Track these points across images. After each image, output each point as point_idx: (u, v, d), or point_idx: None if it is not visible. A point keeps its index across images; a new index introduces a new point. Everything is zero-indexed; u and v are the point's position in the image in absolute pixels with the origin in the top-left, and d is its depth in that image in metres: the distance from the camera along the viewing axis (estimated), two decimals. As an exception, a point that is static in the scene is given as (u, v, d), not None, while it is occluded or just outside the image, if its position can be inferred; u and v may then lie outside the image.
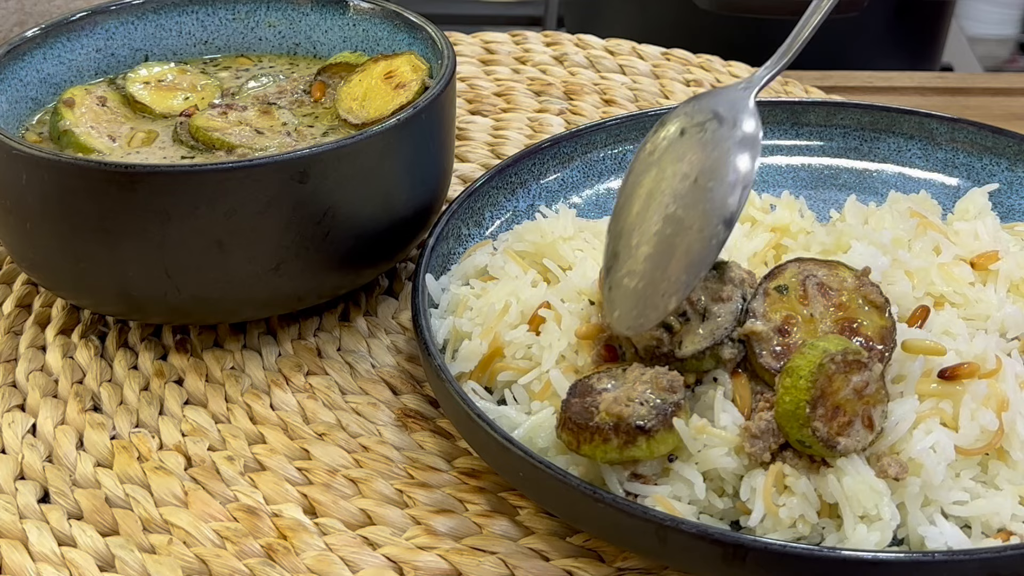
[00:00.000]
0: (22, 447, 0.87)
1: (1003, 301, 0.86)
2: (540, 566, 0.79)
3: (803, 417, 0.73)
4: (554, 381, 0.82)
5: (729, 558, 0.70)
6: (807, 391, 0.74)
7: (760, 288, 0.82)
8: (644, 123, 1.09)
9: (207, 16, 1.08)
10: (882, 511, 0.73)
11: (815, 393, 0.74)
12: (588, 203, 1.06)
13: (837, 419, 0.74)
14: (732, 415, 0.77)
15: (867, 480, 0.73)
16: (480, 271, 0.95)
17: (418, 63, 0.99)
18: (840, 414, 0.74)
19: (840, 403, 0.74)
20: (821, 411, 0.74)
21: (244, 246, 0.85)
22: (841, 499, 0.73)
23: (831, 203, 1.06)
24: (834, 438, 0.74)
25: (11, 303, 1.00)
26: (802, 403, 0.74)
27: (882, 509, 0.73)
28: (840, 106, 1.12)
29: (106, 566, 0.79)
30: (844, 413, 0.74)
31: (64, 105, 0.96)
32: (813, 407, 0.74)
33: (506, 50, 1.41)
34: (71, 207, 0.84)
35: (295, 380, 0.93)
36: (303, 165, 0.84)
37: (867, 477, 0.74)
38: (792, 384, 0.74)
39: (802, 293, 0.81)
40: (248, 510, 0.82)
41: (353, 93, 0.98)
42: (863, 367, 0.75)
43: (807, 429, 0.73)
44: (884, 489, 0.73)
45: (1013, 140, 1.06)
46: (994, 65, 2.56)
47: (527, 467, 0.75)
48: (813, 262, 0.84)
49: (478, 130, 1.25)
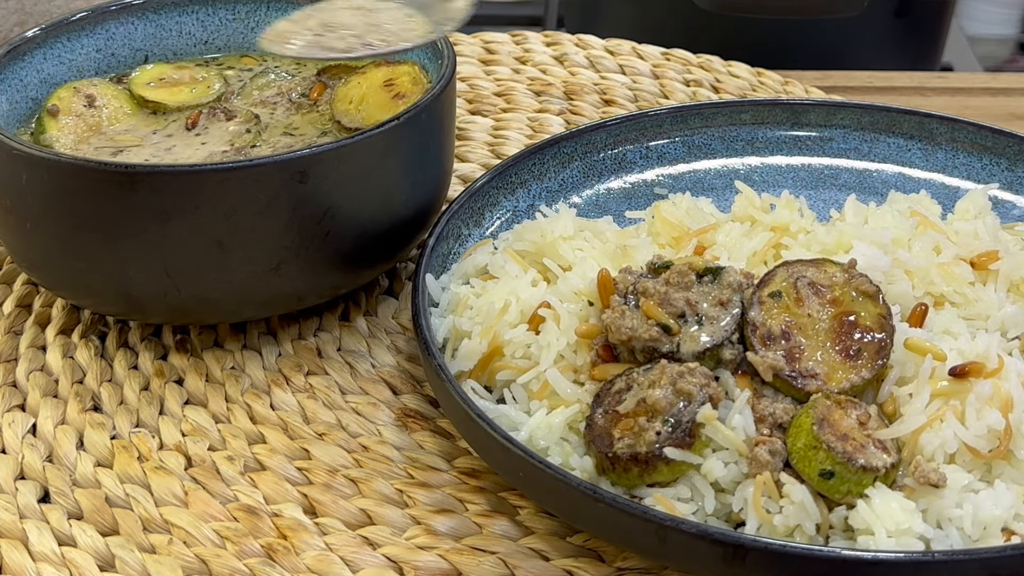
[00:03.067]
0: (22, 447, 0.87)
1: (1003, 301, 0.86)
2: (540, 566, 0.79)
3: (814, 439, 0.74)
4: (552, 380, 0.82)
5: (729, 558, 0.70)
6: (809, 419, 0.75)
7: (755, 298, 0.82)
8: (644, 123, 1.10)
9: (207, 16, 1.08)
10: (915, 527, 0.73)
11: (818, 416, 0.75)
12: (588, 203, 1.06)
13: (849, 442, 0.75)
14: (746, 420, 0.77)
15: (896, 499, 0.73)
16: (480, 270, 0.95)
17: (420, 76, 0.99)
18: (850, 440, 0.75)
19: (846, 431, 0.75)
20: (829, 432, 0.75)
21: (244, 246, 0.85)
22: (872, 519, 0.73)
23: (831, 203, 1.06)
24: (853, 454, 0.74)
25: (11, 303, 1.00)
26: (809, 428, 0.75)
27: (915, 525, 0.73)
28: (840, 106, 1.12)
29: (106, 566, 0.79)
30: (854, 439, 0.75)
31: (48, 115, 0.96)
32: (820, 427, 0.75)
33: (506, 50, 1.41)
34: (71, 207, 0.84)
35: (295, 380, 0.93)
36: (303, 165, 0.84)
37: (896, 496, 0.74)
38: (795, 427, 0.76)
39: (796, 296, 0.82)
40: (248, 510, 0.82)
41: (350, 95, 0.98)
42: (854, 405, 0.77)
43: (822, 451, 0.74)
44: (912, 507, 0.73)
45: (1013, 140, 1.06)
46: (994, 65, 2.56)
47: (527, 467, 0.75)
48: (800, 263, 0.84)
49: (478, 130, 1.25)
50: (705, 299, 0.83)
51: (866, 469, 0.74)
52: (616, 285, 0.85)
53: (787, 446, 0.76)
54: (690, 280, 0.83)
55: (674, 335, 0.81)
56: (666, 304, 0.82)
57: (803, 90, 1.34)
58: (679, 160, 1.10)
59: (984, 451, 0.76)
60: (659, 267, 0.85)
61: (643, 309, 0.82)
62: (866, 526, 0.73)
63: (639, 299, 0.83)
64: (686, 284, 0.83)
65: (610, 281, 0.85)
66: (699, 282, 0.84)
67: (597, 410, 0.80)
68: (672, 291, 0.83)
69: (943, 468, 0.76)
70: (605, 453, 0.77)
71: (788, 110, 1.12)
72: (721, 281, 0.83)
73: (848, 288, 0.82)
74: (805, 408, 0.77)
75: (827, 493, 0.74)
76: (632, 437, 0.77)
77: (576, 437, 0.81)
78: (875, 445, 0.76)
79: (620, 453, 0.76)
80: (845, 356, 0.80)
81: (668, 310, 0.82)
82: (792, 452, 0.76)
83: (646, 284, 0.84)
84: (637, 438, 0.77)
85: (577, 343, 0.84)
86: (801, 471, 0.75)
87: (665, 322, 0.81)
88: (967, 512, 0.74)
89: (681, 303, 0.82)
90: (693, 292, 0.83)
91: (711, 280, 0.84)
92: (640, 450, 0.76)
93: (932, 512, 0.74)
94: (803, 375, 0.79)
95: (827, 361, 0.80)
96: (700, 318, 0.82)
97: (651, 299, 0.83)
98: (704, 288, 0.83)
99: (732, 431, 0.76)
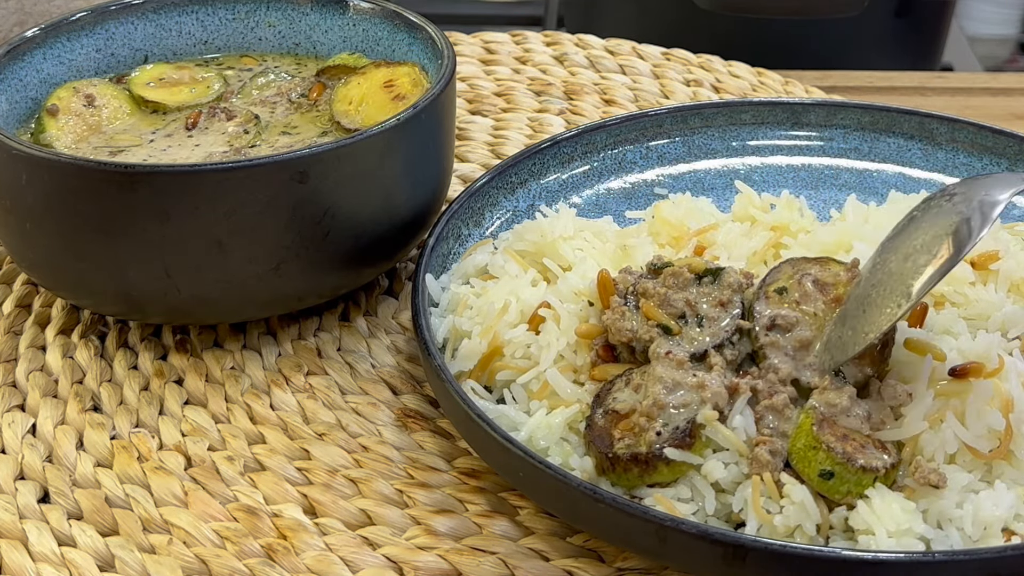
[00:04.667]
0: (22, 447, 0.87)
1: (1003, 301, 0.86)
2: (540, 566, 0.79)
3: (814, 440, 0.74)
4: (552, 381, 0.82)
5: (729, 558, 0.70)
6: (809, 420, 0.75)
7: (761, 293, 0.83)
8: (644, 123, 1.10)
9: (207, 16, 1.07)
10: (915, 527, 0.73)
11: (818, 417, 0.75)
12: (588, 203, 1.06)
13: (849, 442, 0.75)
14: (746, 420, 0.77)
15: (896, 500, 0.73)
16: (480, 270, 0.95)
17: (420, 77, 0.99)
18: (850, 440, 0.75)
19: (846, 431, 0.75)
20: (829, 432, 0.75)
21: (244, 246, 0.85)
22: (872, 520, 0.73)
23: (831, 203, 1.06)
24: (852, 455, 0.74)
25: (11, 303, 1.00)
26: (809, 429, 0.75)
27: (915, 526, 0.73)
28: (840, 106, 1.12)
29: (106, 566, 0.79)
30: (854, 440, 0.75)
31: (47, 114, 0.96)
32: (820, 427, 0.75)
33: (506, 50, 1.41)
34: (71, 207, 0.84)
35: (295, 380, 0.93)
36: (303, 165, 0.84)
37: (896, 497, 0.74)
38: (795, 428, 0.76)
39: (802, 292, 0.82)
40: (248, 510, 0.82)
41: (350, 96, 0.98)
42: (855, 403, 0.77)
43: (822, 451, 0.74)
44: (913, 507, 0.73)
45: (1013, 140, 1.06)
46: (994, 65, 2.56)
47: (527, 467, 0.75)
48: (805, 261, 0.84)
49: (478, 130, 1.25)
50: (705, 300, 0.83)
51: (866, 470, 0.74)
52: (616, 285, 0.85)
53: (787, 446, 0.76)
54: (689, 281, 0.84)
55: (674, 336, 0.81)
56: (666, 305, 0.82)
57: (803, 90, 1.34)
58: (679, 160, 1.10)
59: (984, 451, 0.76)
60: (658, 268, 0.85)
61: (643, 310, 0.82)
62: (866, 526, 0.73)
63: (639, 300, 0.83)
64: (685, 285, 0.83)
65: (610, 281, 0.85)
66: (699, 283, 0.84)
67: (597, 410, 0.80)
68: (672, 292, 0.83)
69: (943, 468, 0.76)
70: (605, 453, 0.77)
71: (788, 110, 1.12)
72: (721, 282, 0.83)
73: (851, 286, 0.82)
74: (805, 409, 0.77)
75: (827, 493, 0.74)
76: (632, 437, 0.77)
77: (576, 437, 0.81)
78: (875, 445, 0.76)
79: (620, 453, 0.76)
80: None
81: (668, 311, 0.82)
82: (792, 452, 0.76)
83: (646, 285, 0.84)
84: (637, 438, 0.77)
85: (577, 343, 0.84)
86: (801, 471, 0.75)
87: (665, 323, 0.81)
88: (967, 512, 0.74)
89: (681, 304, 0.82)
90: (693, 293, 0.83)
91: (711, 281, 0.84)
92: (640, 450, 0.76)
93: (932, 512, 0.75)
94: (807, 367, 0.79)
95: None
96: (700, 319, 0.82)
97: (651, 300, 0.83)
98: (704, 289, 0.83)
99: (732, 431, 0.76)
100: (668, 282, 0.83)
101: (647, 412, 0.77)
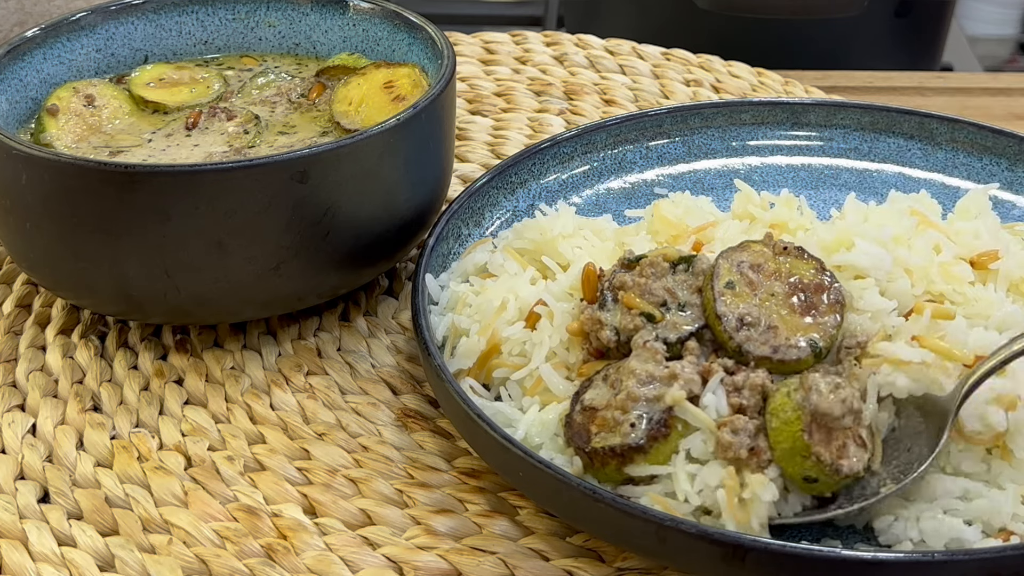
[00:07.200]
0: (22, 447, 0.87)
1: (1003, 300, 0.86)
2: (540, 566, 0.79)
3: (803, 447, 0.74)
4: (544, 377, 0.83)
5: (729, 558, 0.70)
6: (798, 421, 0.75)
7: (715, 293, 0.82)
8: (644, 123, 1.10)
9: (207, 16, 1.08)
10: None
11: (806, 419, 0.75)
12: (588, 203, 1.06)
13: (833, 443, 0.75)
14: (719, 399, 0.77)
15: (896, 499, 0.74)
16: (480, 268, 0.95)
17: (420, 78, 0.99)
18: (834, 438, 0.75)
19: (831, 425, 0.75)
20: (818, 436, 0.75)
21: (244, 246, 0.85)
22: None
23: (831, 203, 1.06)
24: (837, 462, 0.74)
25: (11, 303, 1.00)
26: (798, 434, 0.74)
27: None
28: (840, 106, 1.12)
29: (106, 566, 0.79)
30: (837, 437, 0.75)
31: (47, 114, 0.96)
32: (809, 433, 0.74)
33: (506, 50, 1.41)
34: (71, 207, 0.84)
35: (295, 380, 0.93)
36: (303, 165, 0.84)
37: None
38: (781, 423, 0.75)
39: (747, 281, 0.82)
40: (248, 510, 0.82)
41: (350, 96, 0.98)
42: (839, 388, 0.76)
43: (810, 461, 0.74)
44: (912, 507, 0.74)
45: (1013, 140, 1.06)
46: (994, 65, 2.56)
47: (527, 467, 0.75)
48: (731, 251, 0.85)
49: (478, 130, 1.25)
50: (681, 287, 0.83)
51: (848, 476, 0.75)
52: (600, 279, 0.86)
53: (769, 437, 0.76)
54: (665, 270, 0.84)
55: (658, 323, 0.81)
56: (647, 294, 0.83)
57: (803, 90, 1.34)
58: (679, 160, 1.10)
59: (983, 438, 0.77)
60: (631, 261, 0.86)
61: (623, 301, 0.83)
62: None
63: (616, 294, 0.84)
64: (663, 273, 0.84)
65: (595, 276, 0.86)
66: (673, 272, 0.84)
67: (575, 408, 0.80)
68: (650, 281, 0.83)
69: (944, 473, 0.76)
70: (583, 449, 0.77)
71: (788, 110, 1.12)
72: (695, 268, 0.84)
73: (778, 258, 0.83)
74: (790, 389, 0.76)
75: (805, 491, 0.76)
76: (608, 431, 0.77)
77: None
78: (856, 442, 0.75)
79: (597, 447, 0.76)
80: (807, 312, 0.81)
81: (649, 299, 0.83)
82: (777, 448, 0.75)
83: (623, 278, 0.84)
84: (612, 432, 0.77)
85: (569, 340, 0.85)
86: (784, 468, 0.75)
87: (649, 311, 0.82)
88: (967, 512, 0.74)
89: (661, 292, 0.83)
90: (669, 281, 0.84)
91: (685, 269, 0.84)
92: (615, 443, 0.76)
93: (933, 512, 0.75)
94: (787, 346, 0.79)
95: (797, 326, 0.80)
96: (682, 305, 0.82)
97: (630, 291, 0.83)
98: (679, 276, 0.84)
99: (704, 411, 0.76)
100: (646, 272, 0.84)
101: (620, 405, 0.77)
